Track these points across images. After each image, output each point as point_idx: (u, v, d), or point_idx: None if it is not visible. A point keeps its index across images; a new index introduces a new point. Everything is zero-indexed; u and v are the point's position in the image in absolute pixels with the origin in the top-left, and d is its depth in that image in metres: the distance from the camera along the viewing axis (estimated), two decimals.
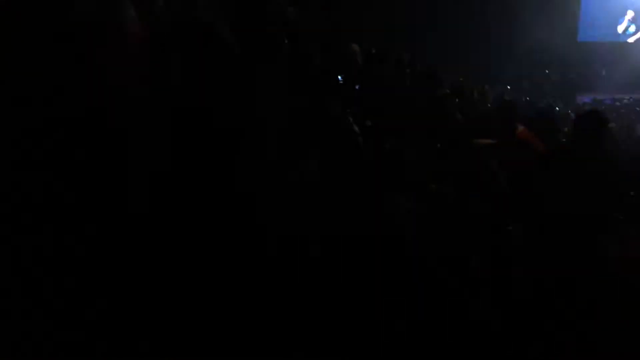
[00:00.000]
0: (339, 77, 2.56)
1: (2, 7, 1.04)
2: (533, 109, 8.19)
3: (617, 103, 9.26)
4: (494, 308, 2.49)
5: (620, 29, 14.40)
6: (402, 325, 1.98)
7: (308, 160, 1.62)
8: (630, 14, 14.30)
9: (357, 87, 3.01)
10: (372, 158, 2.15)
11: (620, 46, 14.27)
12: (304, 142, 1.62)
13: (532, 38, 13.14)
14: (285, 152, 1.48)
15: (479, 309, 2.40)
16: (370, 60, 3.86)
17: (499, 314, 2.49)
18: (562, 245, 3.03)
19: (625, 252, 2.94)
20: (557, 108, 8.61)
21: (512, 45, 13.07)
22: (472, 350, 2.18)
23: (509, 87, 11.09)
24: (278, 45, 1.69)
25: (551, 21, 13.26)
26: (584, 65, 13.23)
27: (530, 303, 2.80)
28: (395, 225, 2.08)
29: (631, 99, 9.92)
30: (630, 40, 14.39)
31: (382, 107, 3.00)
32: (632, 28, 14.37)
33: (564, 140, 4.85)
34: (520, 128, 4.14)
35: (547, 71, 12.72)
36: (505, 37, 12.85)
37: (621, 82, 12.89)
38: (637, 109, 8.96)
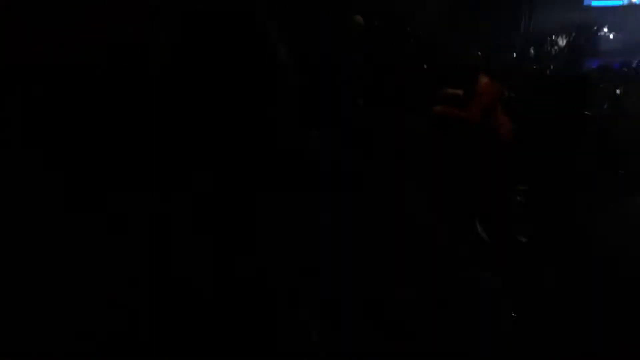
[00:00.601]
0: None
1: None
2: (541, 77, 8.09)
3: (625, 69, 9.10)
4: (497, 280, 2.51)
5: None
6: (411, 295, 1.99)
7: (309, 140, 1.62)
8: None
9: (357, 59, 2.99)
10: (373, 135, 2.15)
11: (627, 9, 13.98)
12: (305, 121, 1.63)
13: (538, 3, 12.90)
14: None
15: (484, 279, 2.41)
16: (373, 31, 3.83)
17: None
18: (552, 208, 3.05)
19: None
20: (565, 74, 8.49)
21: (518, 12, 12.85)
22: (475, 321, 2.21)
23: (514, 55, 10.94)
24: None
25: None
26: (591, 30, 12.99)
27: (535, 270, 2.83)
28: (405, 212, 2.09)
29: (639, 63, 9.75)
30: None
31: (384, 80, 2.99)
32: None
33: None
34: (484, 79, 4.14)
35: (553, 37, 12.51)
36: (511, 3, 12.62)
37: (629, 46, 12.67)
38: None
